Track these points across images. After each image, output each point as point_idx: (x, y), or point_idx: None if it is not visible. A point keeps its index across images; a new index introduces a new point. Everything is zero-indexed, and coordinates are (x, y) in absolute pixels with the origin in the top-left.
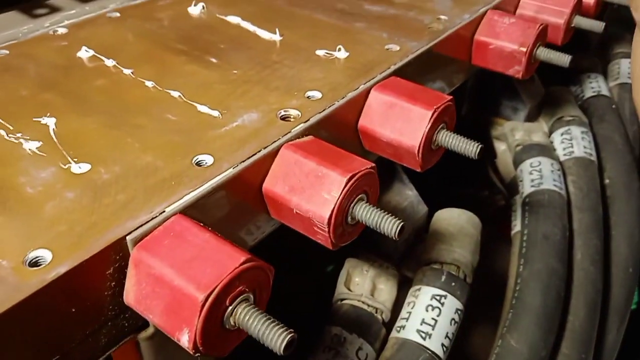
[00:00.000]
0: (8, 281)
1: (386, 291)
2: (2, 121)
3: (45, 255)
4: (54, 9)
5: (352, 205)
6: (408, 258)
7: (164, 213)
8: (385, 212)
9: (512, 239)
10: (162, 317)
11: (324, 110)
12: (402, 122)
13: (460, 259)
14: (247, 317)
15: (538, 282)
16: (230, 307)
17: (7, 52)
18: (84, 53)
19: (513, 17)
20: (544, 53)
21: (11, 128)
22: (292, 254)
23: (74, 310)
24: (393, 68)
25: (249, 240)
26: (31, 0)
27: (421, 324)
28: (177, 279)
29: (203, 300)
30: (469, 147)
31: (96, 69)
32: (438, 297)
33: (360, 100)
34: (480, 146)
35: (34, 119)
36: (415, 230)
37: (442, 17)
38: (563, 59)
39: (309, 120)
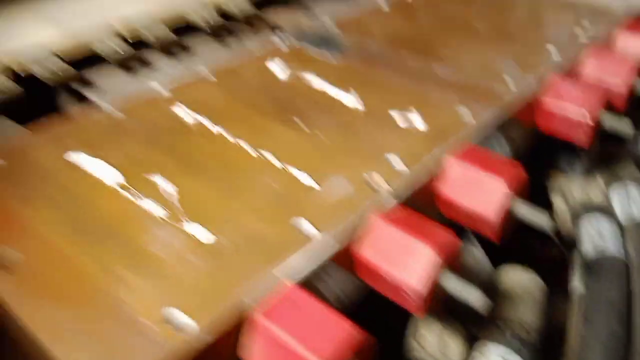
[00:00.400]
0: (151, 338)
1: (454, 347)
2: (126, 183)
3: (181, 316)
4: (150, 66)
5: (440, 276)
6: (473, 314)
7: (280, 281)
8: (472, 286)
9: (571, 294)
10: None
11: (407, 178)
12: (481, 193)
13: (525, 320)
14: None
15: (600, 344)
16: None
17: (118, 111)
18: (189, 117)
19: (577, 82)
20: (607, 121)
21: (135, 190)
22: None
23: None
24: (467, 135)
25: (337, 300)
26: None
27: None
28: (300, 348)
29: None
30: (541, 219)
31: (200, 132)
32: (504, 356)
33: (439, 168)
34: None
35: (154, 182)
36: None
37: (509, 81)
38: (626, 129)
39: (395, 188)
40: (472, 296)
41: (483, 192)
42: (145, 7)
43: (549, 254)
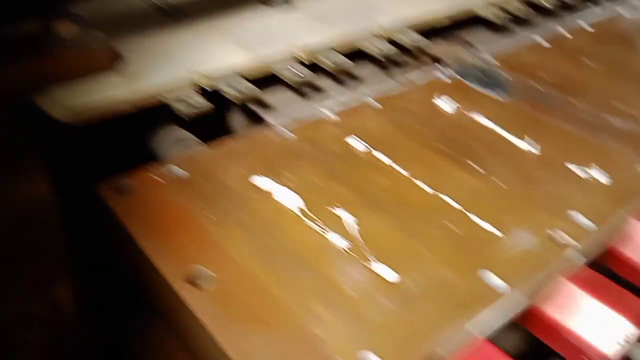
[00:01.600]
0: None
1: None
2: (309, 212)
3: (373, 359)
4: (318, 89)
5: (632, 346)
6: None
7: (470, 333)
8: None
9: None
10: None
11: (595, 238)
12: None
13: None
14: None
15: None
16: None
17: (292, 134)
18: (360, 145)
19: None
20: None
21: (318, 220)
22: None
23: None
24: None
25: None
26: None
27: None
28: None
29: None
30: None
31: (373, 164)
32: None
33: (624, 229)
34: None
35: (335, 213)
36: None
37: None
38: None
39: (582, 248)
40: None
41: None
42: (326, 35)
43: None
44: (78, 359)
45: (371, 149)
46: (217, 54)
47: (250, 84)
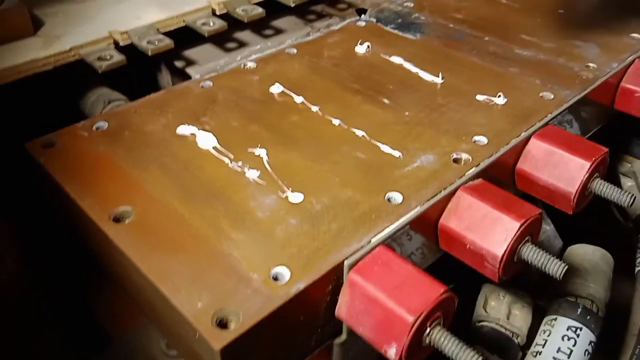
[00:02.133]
0: (262, 292)
1: (521, 317)
2: (224, 149)
3: (284, 272)
4: (241, 44)
5: (519, 246)
6: (540, 287)
7: (371, 243)
8: (550, 255)
9: (637, 275)
10: (372, 331)
11: (492, 155)
12: (561, 170)
13: (594, 294)
14: (442, 339)
15: None
16: (429, 329)
17: (211, 83)
18: (276, 88)
19: None
20: None
21: (232, 156)
22: None
23: (302, 318)
24: (550, 117)
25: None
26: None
27: (557, 352)
28: (389, 302)
29: (413, 322)
30: (622, 197)
31: (287, 105)
32: (574, 329)
33: (521, 146)
34: None
35: (249, 150)
36: None
37: (591, 65)
38: None
39: (479, 164)
40: (551, 265)
41: (564, 170)
42: None
43: (614, 234)
44: (27, 310)
45: (288, 92)
46: (136, 14)
47: (162, 36)
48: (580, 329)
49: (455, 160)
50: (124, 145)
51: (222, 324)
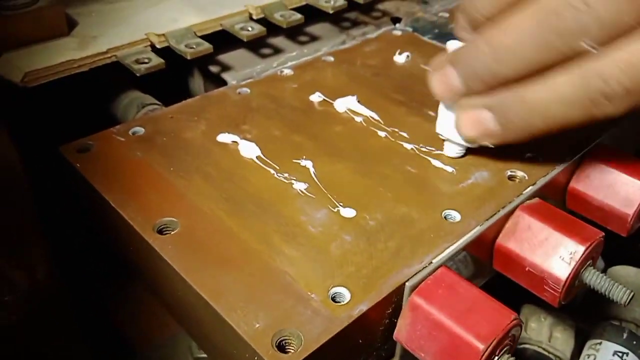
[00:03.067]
0: (322, 314)
1: (563, 340)
2: (269, 160)
3: (344, 292)
4: (276, 50)
5: (582, 270)
6: (581, 310)
7: (432, 264)
8: (614, 280)
9: None
10: (436, 357)
11: (547, 174)
12: (617, 190)
13: (639, 318)
14: None
15: None
16: (497, 358)
17: (248, 90)
18: (316, 97)
19: None
20: None
21: (277, 167)
22: None
23: (360, 341)
24: (603, 135)
25: None
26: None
27: None
28: (457, 328)
29: (483, 350)
30: None
31: (329, 114)
32: (620, 354)
33: (574, 165)
34: None
35: (294, 160)
36: None
37: None
38: None
39: (536, 183)
40: (616, 290)
41: (620, 190)
42: None
43: None
44: (56, 322)
45: (329, 100)
46: (172, 16)
47: (200, 39)
48: (627, 354)
49: (510, 178)
50: (163, 152)
51: (281, 347)
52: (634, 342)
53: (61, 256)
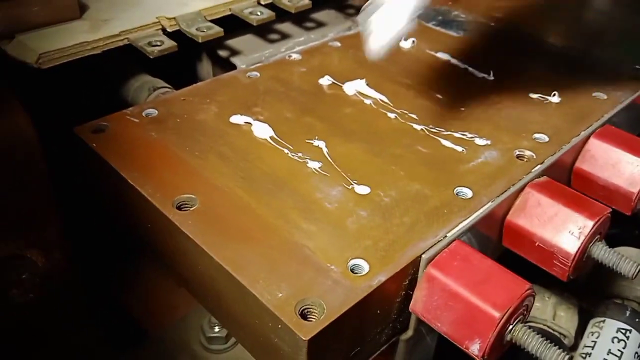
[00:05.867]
0: (343, 284)
1: (567, 318)
2: (283, 141)
3: (363, 264)
4: (284, 35)
5: (590, 245)
6: (584, 289)
7: (447, 237)
8: (622, 254)
9: None
10: (452, 327)
11: (554, 153)
12: (622, 170)
13: None
14: (525, 336)
15: None
16: (511, 326)
17: (258, 74)
18: (325, 80)
19: None
20: None
21: (292, 147)
22: None
23: (378, 312)
24: (606, 117)
25: None
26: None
27: (607, 354)
28: (473, 297)
29: (499, 318)
30: None
31: (339, 97)
32: (623, 331)
33: (580, 146)
34: None
35: (307, 141)
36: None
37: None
38: None
39: (544, 162)
40: (624, 264)
41: (626, 170)
42: None
43: None
44: (70, 302)
45: (337, 83)
46: (181, 0)
47: (211, 23)
48: (630, 331)
49: (519, 157)
50: (177, 132)
51: (303, 315)
52: (637, 320)
53: (75, 237)
